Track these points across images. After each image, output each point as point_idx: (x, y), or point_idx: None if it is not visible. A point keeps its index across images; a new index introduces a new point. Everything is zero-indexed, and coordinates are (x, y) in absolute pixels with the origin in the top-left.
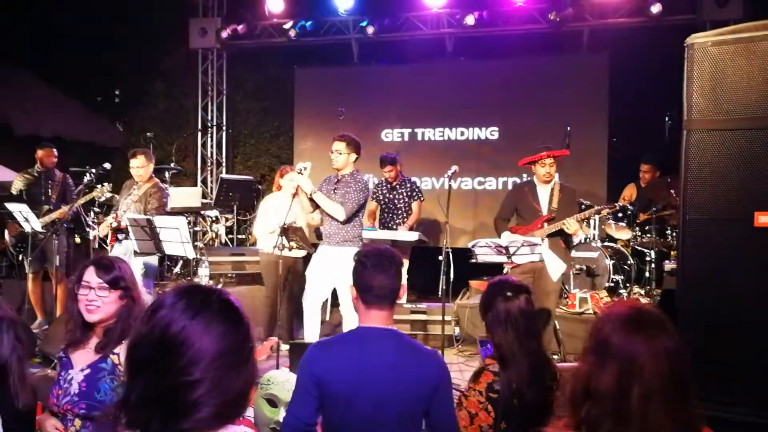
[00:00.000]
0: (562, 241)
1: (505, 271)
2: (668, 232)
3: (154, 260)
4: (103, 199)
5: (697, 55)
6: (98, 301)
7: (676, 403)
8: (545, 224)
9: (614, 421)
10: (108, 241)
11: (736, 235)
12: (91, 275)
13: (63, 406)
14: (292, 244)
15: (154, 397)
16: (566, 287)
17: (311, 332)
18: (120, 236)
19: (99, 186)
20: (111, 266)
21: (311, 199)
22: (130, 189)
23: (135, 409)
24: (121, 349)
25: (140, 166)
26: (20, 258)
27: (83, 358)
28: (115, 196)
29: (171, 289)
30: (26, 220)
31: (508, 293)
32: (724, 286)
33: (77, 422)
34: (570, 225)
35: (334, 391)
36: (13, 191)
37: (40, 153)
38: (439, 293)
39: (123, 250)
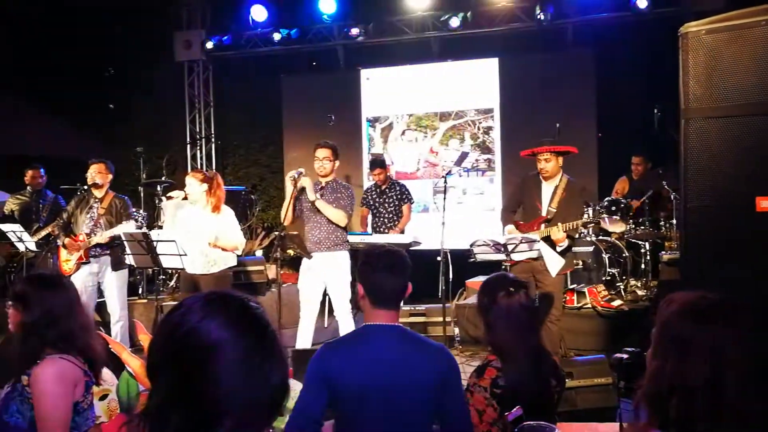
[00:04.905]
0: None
1: (503, 268)
2: (662, 223)
3: (126, 273)
4: None
5: (692, 44)
6: (10, 315)
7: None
8: (542, 226)
9: (712, 416)
10: (75, 260)
11: (738, 221)
12: None
13: None
14: (290, 251)
15: (171, 404)
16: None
17: (304, 339)
18: (94, 251)
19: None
20: (15, 283)
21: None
22: (88, 203)
23: (154, 416)
24: (35, 369)
25: (100, 171)
26: (12, 279)
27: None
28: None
29: (198, 294)
30: (20, 240)
31: (511, 288)
32: (727, 273)
33: None
34: (554, 233)
35: (344, 389)
36: (5, 212)
37: (28, 174)
38: (439, 294)
39: (96, 268)
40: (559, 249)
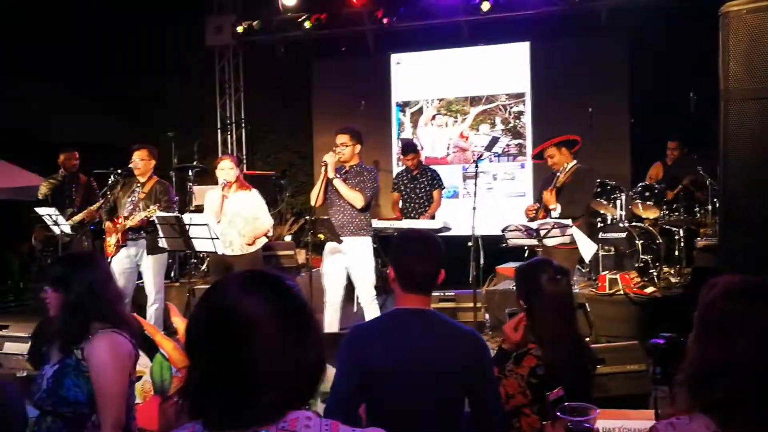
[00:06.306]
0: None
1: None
2: (696, 209)
3: (165, 257)
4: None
5: (733, 24)
6: (49, 299)
7: None
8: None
9: (759, 396)
10: (114, 243)
11: None
12: None
13: (37, 402)
14: (320, 236)
15: (210, 381)
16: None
17: (330, 323)
18: (131, 234)
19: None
20: (48, 267)
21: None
22: (131, 187)
23: (194, 395)
24: (91, 343)
25: (142, 158)
26: (49, 262)
27: (56, 353)
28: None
29: (237, 272)
30: (55, 223)
31: (558, 276)
32: (765, 260)
33: (48, 418)
34: (545, 198)
35: (374, 372)
36: (39, 196)
37: (62, 157)
38: (470, 280)
39: (134, 251)
40: (554, 214)
